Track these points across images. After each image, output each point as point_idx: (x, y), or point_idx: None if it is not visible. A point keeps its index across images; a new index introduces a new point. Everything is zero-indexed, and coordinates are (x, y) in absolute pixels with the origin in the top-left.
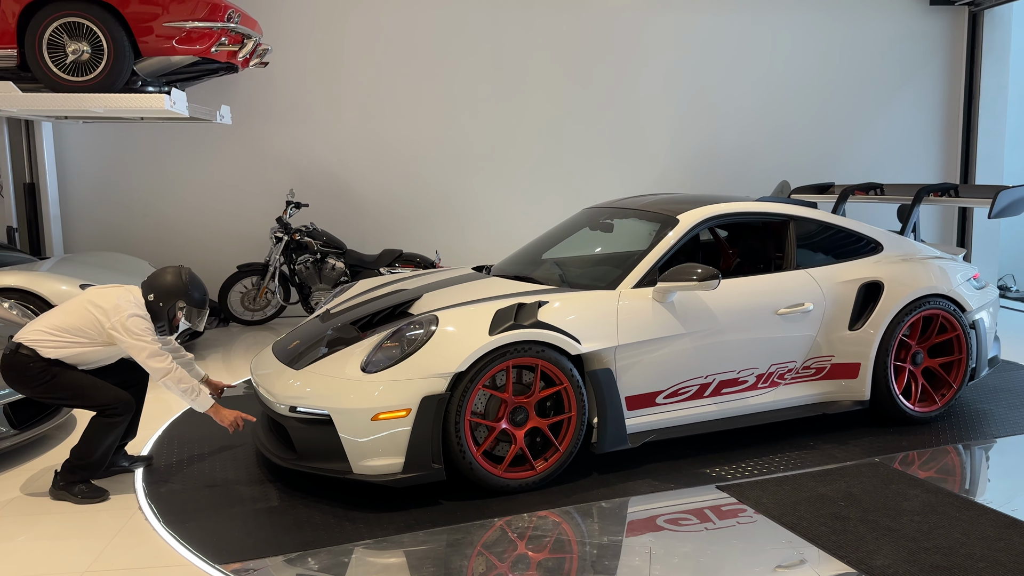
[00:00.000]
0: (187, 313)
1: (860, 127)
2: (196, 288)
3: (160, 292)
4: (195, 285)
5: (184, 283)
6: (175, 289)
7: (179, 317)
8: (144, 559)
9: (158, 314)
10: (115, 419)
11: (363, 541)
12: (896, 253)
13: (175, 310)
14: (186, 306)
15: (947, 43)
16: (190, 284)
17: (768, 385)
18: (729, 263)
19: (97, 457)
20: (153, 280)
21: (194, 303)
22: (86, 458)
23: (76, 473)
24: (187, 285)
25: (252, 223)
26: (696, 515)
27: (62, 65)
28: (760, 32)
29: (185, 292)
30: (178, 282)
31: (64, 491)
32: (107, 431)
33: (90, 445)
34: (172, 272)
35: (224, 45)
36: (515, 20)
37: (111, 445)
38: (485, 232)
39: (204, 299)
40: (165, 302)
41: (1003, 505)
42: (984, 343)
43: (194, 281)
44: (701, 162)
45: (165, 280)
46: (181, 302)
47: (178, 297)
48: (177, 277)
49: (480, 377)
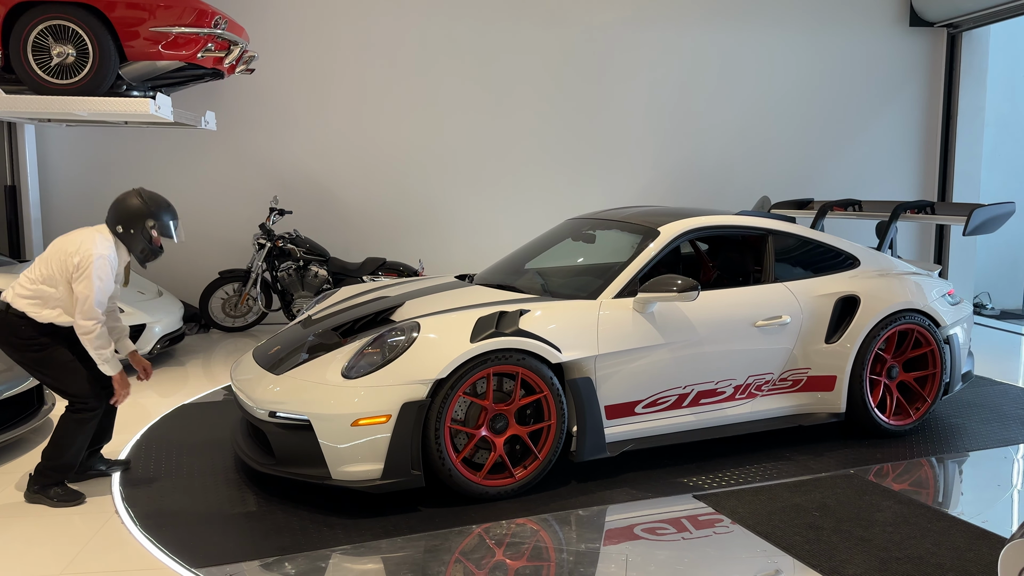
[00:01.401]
0: (161, 229)
1: (840, 145)
2: (158, 203)
3: (126, 219)
4: (156, 201)
5: (145, 202)
6: (139, 211)
7: (156, 237)
8: (120, 563)
9: (133, 242)
10: (83, 415)
11: (341, 547)
12: (873, 268)
13: (148, 231)
14: (155, 223)
15: (926, 64)
16: (151, 201)
17: (745, 396)
18: (709, 275)
19: (68, 458)
20: (115, 211)
21: (162, 217)
22: (56, 459)
23: (49, 475)
24: (148, 203)
25: (235, 229)
26: (673, 524)
27: (47, 68)
28: (743, 50)
29: (150, 211)
30: (139, 203)
31: (40, 494)
32: (76, 430)
33: (59, 446)
34: (131, 196)
35: (210, 51)
36: (502, 32)
37: (81, 445)
38: (468, 242)
39: (170, 209)
40: (135, 227)
41: (974, 517)
42: (958, 358)
43: (154, 197)
44: (683, 176)
45: (127, 206)
46: (150, 220)
47: (146, 217)
48: (137, 198)
49: (461, 384)
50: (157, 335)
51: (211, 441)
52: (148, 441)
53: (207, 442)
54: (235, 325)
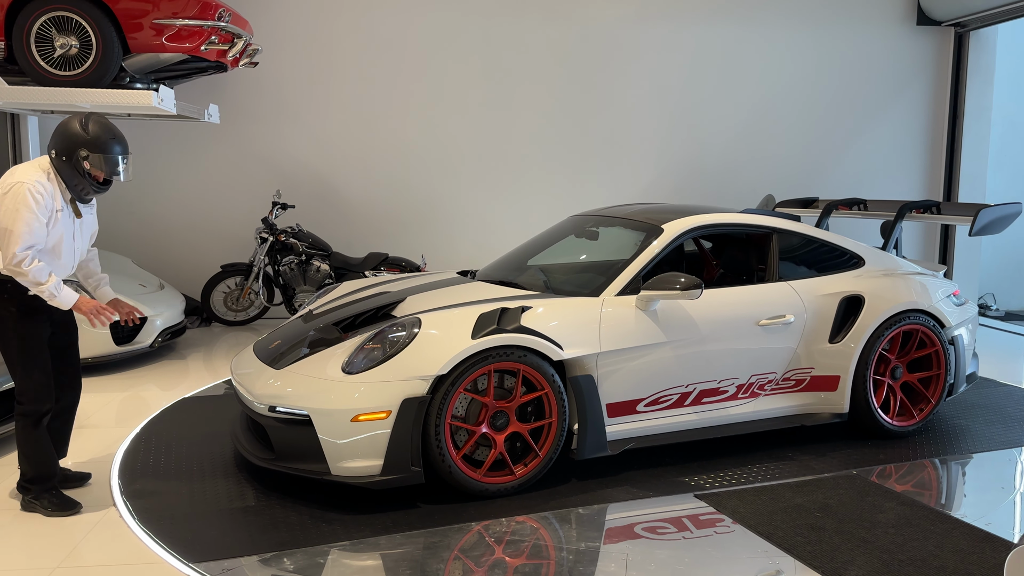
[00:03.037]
0: (94, 162)
1: (845, 143)
2: (99, 130)
3: (59, 145)
4: (99, 126)
5: (83, 127)
6: (73, 136)
7: (94, 170)
8: (117, 556)
9: (66, 172)
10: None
11: (339, 542)
12: (878, 268)
13: (81, 162)
14: (89, 154)
15: (933, 63)
16: (91, 126)
17: (748, 396)
18: (712, 274)
19: (39, 468)
20: (54, 135)
21: (96, 147)
22: (30, 471)
23: (32, 489)
24: (86, 128)
25: (237, 223)
26: (674, 523)
27: (50, 59)
28: (748, 47)
29: (85, 139)
30: (76, 128)
31: (34, 503)
32: (27, 435)
33: (25, 456)
34: (72, 118)
35: (214, 44)
36: (506, 28)
37: (45, 451)
38: (471, 238)
39: (111, 142)
40: (68, 155)
41: (977, 519)
42: (963, 359)
43: (98, 122)
44: (687, 173)
45: (62, 129)
46: (83, 150)
47: (78, 145)
48: (75, 122)
49: (462, 380)
50: (159, 328)
51: (211, 435)
52: (148, 434)
53: (207, 436)
54: (236, 319)
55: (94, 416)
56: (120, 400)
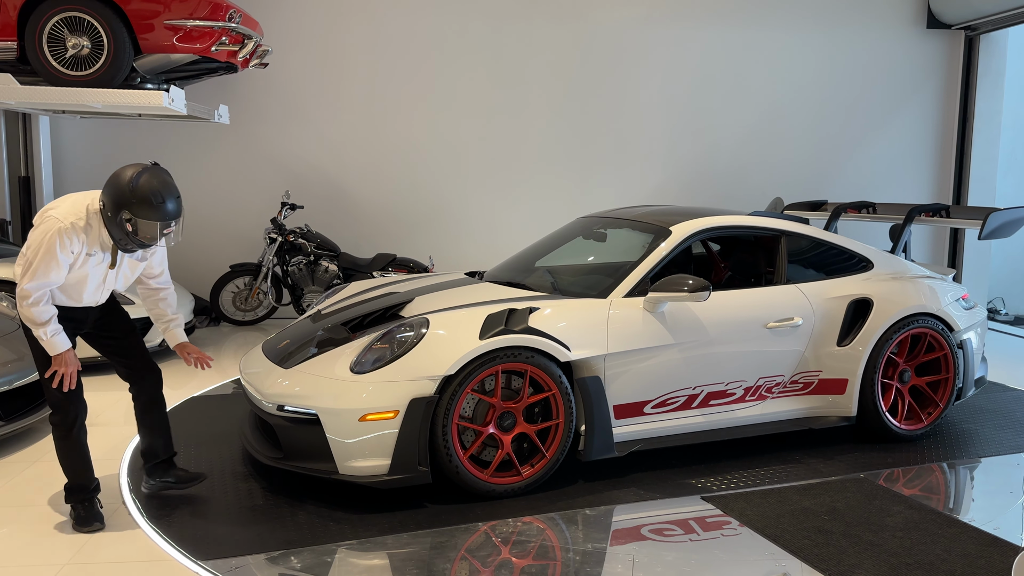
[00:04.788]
0: (138, 228)
1: (855, 147)
2: (147, 193)
3: (107, 199)
4: (147, 189)
5: (132, 187)
6: (121, 195)
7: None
8: (126, 554)
9: (112, 227)
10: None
11: (347, 541)
12: (886, 271)
13: (124, 224)
14: (132, 218)
15: (943, 66)
16: (141, 188)
17: (756, 398)
18: (720, 276)
19: (72, 477)
20: (107, 184)
21: (142, 213)
22: (67, 480)
23: (69, 497)
24: (136, 189)
25: (246, 223)
26: (680, 525)
27: (61, 59)
28: (758, 49)
29: (130, 200)
30: (125, 185)
31: (71, 510)
32: (58, 443)
33: (61, 466)
34: (126, 172)
35: (224, 45)
36: (515, 30)
37: (78, 461)
38: (479, 239)
39: (162, 209)
40: (113, 212)
41: (985, 524)
42: (971, 363)
43: (147, 184)
44: (696, 176)
45: (114, 182)
46: (126, 212)
47: (123, 207)
48: (127, 178)
49: (469, 381)
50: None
51: (219, 434)
52: None
53: (215, 435)
54: (245, 319)
55: (103, 415)
56: (129, 399)
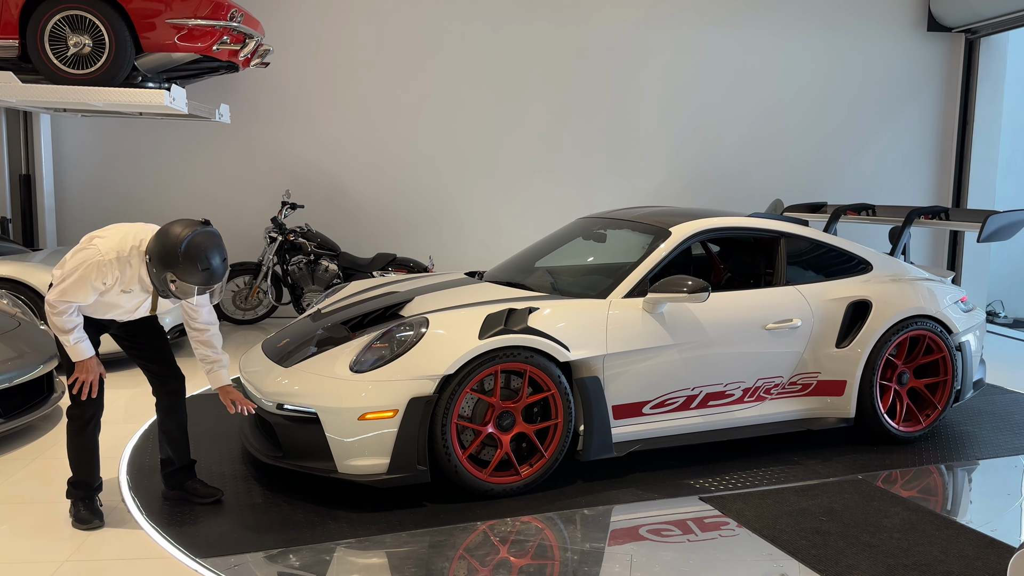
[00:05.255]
0: (181, 288)
1: (855, 149)
2: (196, 258)
3: (153, 255)
4: (195, 254)
5: (177, 250)
6: (168, 256)
7: (180, 293)
8: (126, 550)
9: (155, 280)
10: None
11: (345, 540)
12: (885, 273)
13: (167, 283)
14: (176, 280)
15: (943, 69)
16: (185, 252)
17: (754, 399)
18: (720, 277)
19: (77, 472)
20: (156, 236)
21: (185, 277)
22: (72, 475)
23: (71, 492)
24: (182, 254)
25: (247, 222)
26: (678, 526)
27: (63, 57)
28: (759, 52)
29: (177, 263)
30: (173, 248)
31: (71, 506)
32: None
33: (69, 459)
34: (176, 231)
35: (226, 44)
36: (515, 31)
37: (86, 458)
38: (479, 239)
39: (206, 274)
40: (157, 268)
41: (983, 525)
42: (970, 365)
43: (196, 249)
44: (696, 177)
45: (164, 240)
46: (170, 274)
47: (168, 267)
48: (175, 241)
49: (468, 380)
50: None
51: (218, 432)
52: (155, 431)
53: (214, 433)
54: (245, 318)
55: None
56: (129, 397)
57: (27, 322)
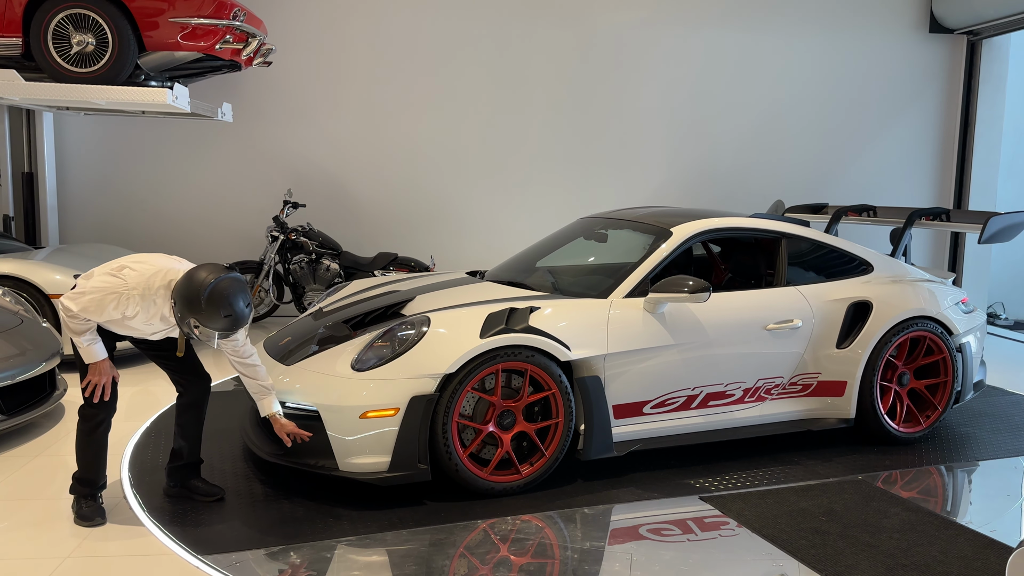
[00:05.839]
0: (204, 333)
1: (856, 150)
2: (220, 305)
3: (178, 299)
4: (219, 302)
5: (201, 297)
6: (191, 301)
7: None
8: (127, 547)
9: (179, 323)
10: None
11: (346, 538)
12: (886, 274)
13: (191, 327)
14: (200, 326)
15: (945, 71)
16: (208, 299)
17: (754, 400)
18: (721, 277)
19: (83, 471)
20: (183, 279)
21: (208, 324)
22: (78, 471)
23: (75, 488)
24: (205, 301)
25: (248, 221)
26: (679, 525)
27: (66, 56)
28: (760, 53)
29: (200, 310)
30: (196, 294)
31: (74, 503)
32: (81, 436)
33: (77, 456)
34: (202, 275)
35: (228, 43)
36: (517, 31)
37: (94, 457)
38: (480, 239)
39: (229, 321)
40: (181, 313)
41: (982, 526)
42: (970, 367)
43: (219, 296)
44: (697, 178)
45: (189, 285)
46: (193, 319)
47: (192, 313)
48: (199, 287)
49: (469, 379)
50: None
51: (220, 430)
52: (158, 429)
53: (216, 431)
54: None
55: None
56: (130, 395)
57: (29, 319)
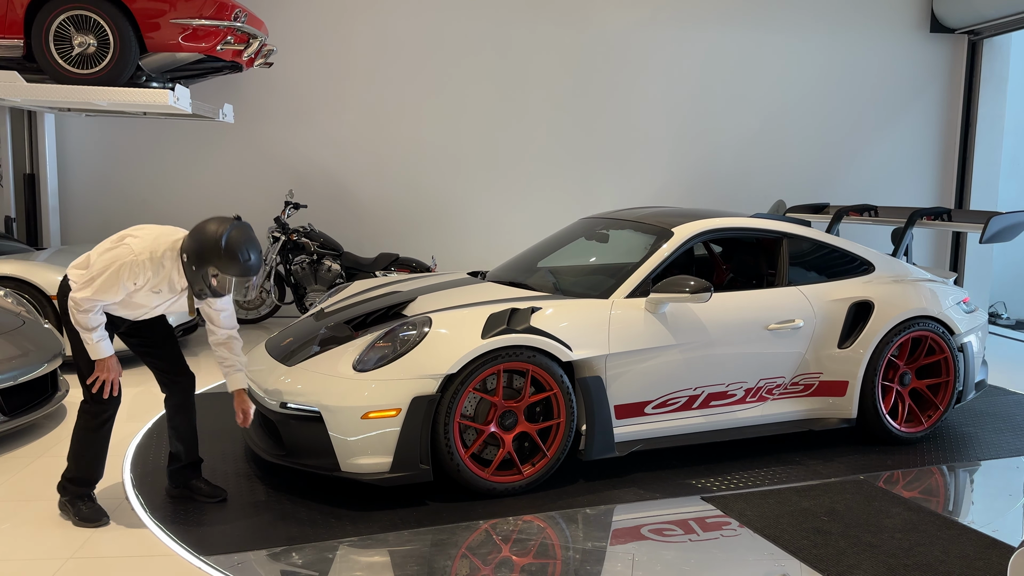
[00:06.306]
0: (221, 282)
1: (858, 150)
2: (237, 250)
3: (193, 251)
4: (236, 247)
5: (219, 244)
6: (207, 252)
7: (219, 287)
8: (129, 548)
9: (193, 278)
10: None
11: (348, 538)
12: (887, 274)
13: (208, 277)
14: (218, 274)
15: (946, 71)
16: (227, 246)
17: (756, 400)
18: (722, 278)
19: (84, 470)
20: (191, 236)
21: (228, 270)
22: (74, 471)
23: (71, 490)
24: (223, 247)
25: (250, 222)
26: (680, 525)
27: (68, 57)
28: (761, 53)
29: (219, 257)
30: (213, 242)
31: (68, 506)
32: (84, 434)
33: (74, 454)
34: (213, 227)
35: (230, 44)
36: (519, 31)
37: (97, 454)
38: (482, 239)
39: (247, 265)
40: (197, 266)
41: (984, 526)
42: (972, 366)
43: (236, 242)
44: (699, 178)
45: (203, 236)
46: (212, 268)
47: (210, 263)
48: (214, 236)
49: (471, 380)
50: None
51: (222, 431)
52: (160, 429)
53: (218, 431)
54: (248, 317)
55: None
56: (132, 395)
57: (31, 320)
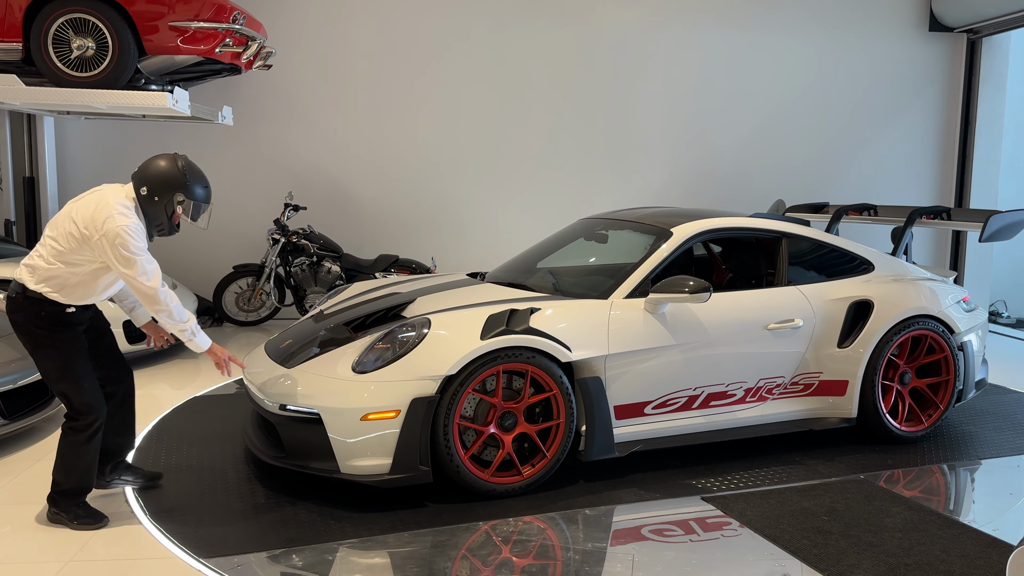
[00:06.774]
0: (186, 208)
1: (857, 149)
2: (196, 177)
3: (154, 184)
4: (194, 174)
5: (181, 171)
6: (171, 179)
7: (179, 214)
8: (129, 551)
9: (154, 211)
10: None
11: (348, 540)
12: (887, 273)
13: (173, 205)
14: (185, 199)
15: (945, 69)
16: (188, 173)
17: (756, 399)
18: (721, 277)
19: (77, 481)
20: (144, 170)
21: (195, 196)
22: (66, 483)
23: (61, 502)
24: (184, 174)
25: (249, 224)
26: (681, 526)
27: (66, 60)
28: (761, 52)
29: (184, 183)
30: (174, 171)
31: (60, 515)
32: (75, 448)
33: (66, 468)
34: (166, 160)
35: (228, 46)
36: (517, 32)
37: (91, 462)
38: (481, 240)
39: (206, 191)
40: (161, 196)
41: (984, 525)
42: (972, 365)
43: (192, 169)
44: (698, 178)
45: (159, 169)
46: (180, 195)
47: (176, 189)
48: (172, 164)
49: (470, 381)
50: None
51: (222, 433)
52: (159, 432)
53: (218, 434)
54: (248, 319)
55: None
56: None
57: None
